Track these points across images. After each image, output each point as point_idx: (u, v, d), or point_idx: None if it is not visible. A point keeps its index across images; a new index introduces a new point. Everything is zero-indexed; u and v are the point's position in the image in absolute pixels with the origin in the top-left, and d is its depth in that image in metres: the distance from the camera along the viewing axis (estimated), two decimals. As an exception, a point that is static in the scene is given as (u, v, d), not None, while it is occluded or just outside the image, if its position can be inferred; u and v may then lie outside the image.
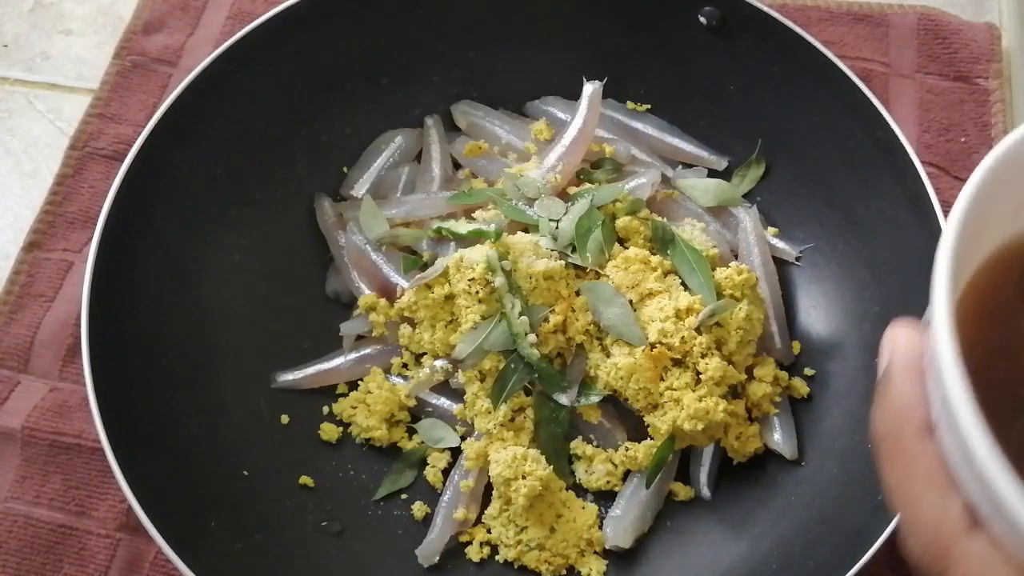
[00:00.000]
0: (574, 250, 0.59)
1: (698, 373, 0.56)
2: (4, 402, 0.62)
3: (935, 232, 0.55)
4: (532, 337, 0.57)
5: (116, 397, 0.53)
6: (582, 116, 0.64)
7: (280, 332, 0.62)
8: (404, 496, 0.59)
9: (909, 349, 0.32)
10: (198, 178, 0.62)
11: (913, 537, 0.29)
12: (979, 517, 0.28)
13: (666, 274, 0.59)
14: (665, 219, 0.63)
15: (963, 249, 0.31)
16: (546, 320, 0.57)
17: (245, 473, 0.57)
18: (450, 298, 0.59)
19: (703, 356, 0.56)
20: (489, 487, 0.57)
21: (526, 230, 0.61)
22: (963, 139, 0.70)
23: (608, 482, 0.58)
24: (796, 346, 0.62)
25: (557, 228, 0.60)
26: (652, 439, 0.57)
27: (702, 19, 0.65)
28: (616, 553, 0.57)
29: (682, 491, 0.59)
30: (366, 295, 0.62)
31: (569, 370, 0.58)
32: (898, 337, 0.33)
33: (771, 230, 0.65)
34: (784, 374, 0.60)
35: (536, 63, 0.69)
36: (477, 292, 0.57)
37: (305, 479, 0.58)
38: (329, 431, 0.60)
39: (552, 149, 0.64)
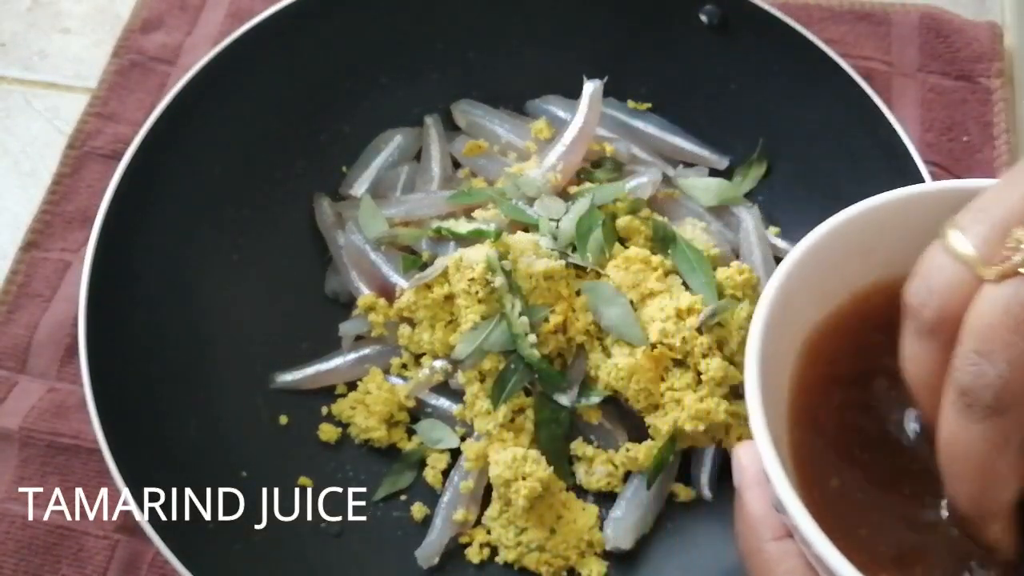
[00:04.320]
0: (574, 250, 0.59)
1: (699, 373, 0.56)
2: (1, 403, 0.62)
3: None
4: (532, 337, 0.56)
5: (114, 398, 0.53)
6: (582, 115, 0.63)
7: (279, 332, 0.62)
8: (403, 497, 0.59)
9: (752, 464, 0.37)
10: (196, 177, 0.62)
11: None
12: None
13: (667, 274, 0.59)
14: (666, 218, 0.62)
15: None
16: (546, 320, 0.57)
17: (244, 474, 0.56)
18: (450, 298, 0.58)
19: (704, 356, 0.56)
20: (489, 488, 0.57)
21: (526, 230, 0.61)
22: (965, 138, 0.70)
23: (609, 483, 0.58)
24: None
25: (557, 228, 0.60)
26: (653, 440, 0.57)
27: (703, 17, 0.65)
28: (617, 555, 0.56)
29: (683, 492, 0.58)
30: (365, 295, 0.61)
31: (569, 371, 0.58)
32: (741, 455, 0.38)
33: (772, 229, 0.64)
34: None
35: (536, 62, 0.68)
36: (477, 292, 0.56)
37: (304, 480, 0.58)
38: (328, 432, 0.60)
39: (552, 148, 0.63)
